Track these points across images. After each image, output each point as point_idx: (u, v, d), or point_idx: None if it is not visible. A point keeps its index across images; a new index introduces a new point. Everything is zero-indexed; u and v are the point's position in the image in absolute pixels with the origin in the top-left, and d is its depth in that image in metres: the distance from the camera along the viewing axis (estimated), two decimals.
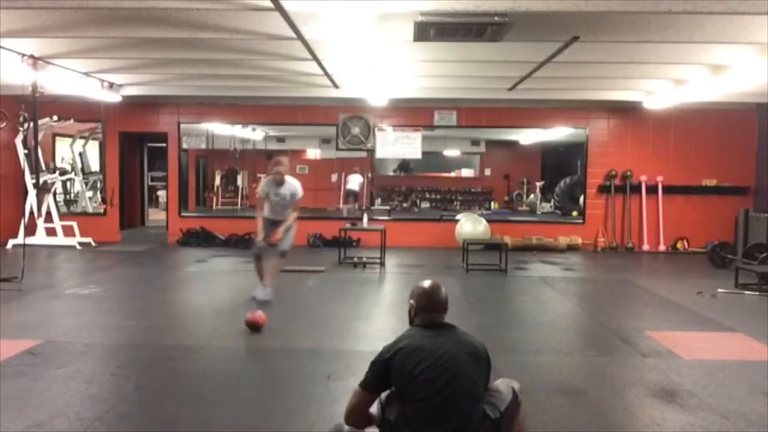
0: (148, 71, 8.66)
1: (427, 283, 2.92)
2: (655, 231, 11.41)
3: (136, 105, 11.16)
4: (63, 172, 11.59)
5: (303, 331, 5.41)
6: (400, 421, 2.66)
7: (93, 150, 13.75)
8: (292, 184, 6.31)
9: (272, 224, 6.28)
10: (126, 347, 4.81)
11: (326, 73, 8.01)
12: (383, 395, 2.80)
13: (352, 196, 15.33)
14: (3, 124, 9.87)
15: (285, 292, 7.09)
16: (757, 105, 10.54)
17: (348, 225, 9.98)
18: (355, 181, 15.25)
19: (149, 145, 13.34)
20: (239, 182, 16.25)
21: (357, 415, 2.85)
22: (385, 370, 2.71)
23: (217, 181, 16.46)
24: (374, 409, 2.83)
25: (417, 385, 2.61)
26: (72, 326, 5.46)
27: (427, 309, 2.84)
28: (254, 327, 5.20)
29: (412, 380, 2.62)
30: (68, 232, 10.81)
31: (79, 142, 13.50)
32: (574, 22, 5.45)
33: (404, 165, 17.53)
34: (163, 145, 11.91)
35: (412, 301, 2.87)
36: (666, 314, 6.31)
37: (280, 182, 6.22)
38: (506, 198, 17.76)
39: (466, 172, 17.88)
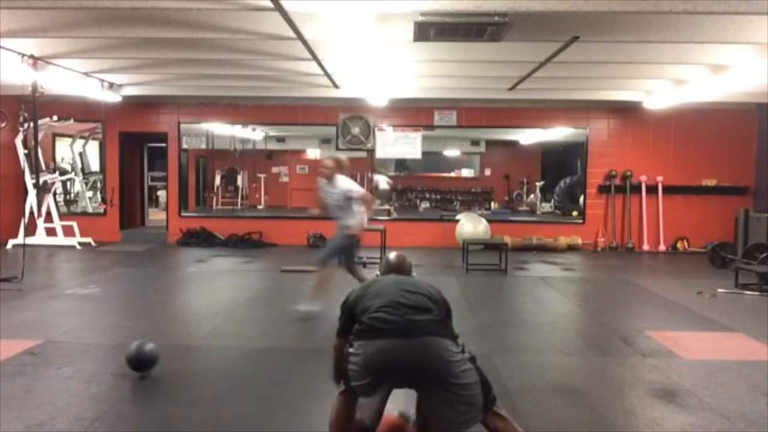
0: (148, 71, 8.66)
1: (391, 254, 3.33)
2: (655, 231, 11.41)
3: (136, 105, 11.15)
4: (63, 172, 11.61)
5: (303, 330, 5.41)
6: (361, 331, 2.74)
7: (93, 150, 13.77)
8: (343, 183, 6.03)
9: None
10: (126, 347, 4.79)
11: (326, 73, 8.01)
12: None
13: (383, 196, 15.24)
14: (3, 124, 9.87)
15: (285, 292, 7.09)
16: (757, 105, 10.53)
17: None
18: (383, 181, 15.23)
19: (149, 145, 13.33)
20: (239, 182, 16.25)
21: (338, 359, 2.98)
22: (348, 310, 2.92)
23: (217, 181, 16.45)
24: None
25: (372, 298, 2.79)
26: (72, 326, 5.47)
27: (387, 271, 3.19)
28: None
29: (368, 301, 2.81)
30: (68, 232, 10.80)
31: (79, 142, 13.50)
32: (574, 22, 5.45)
33: (401, 164, 17.42)
34: (163, 145, 11.91)
35: (376, 272, 3.23)
36: (666, 314, 6.31)
37: (328, 179, 6.02)
38: (506, 198, 17.75)
39: (466, 172, 17.86)
